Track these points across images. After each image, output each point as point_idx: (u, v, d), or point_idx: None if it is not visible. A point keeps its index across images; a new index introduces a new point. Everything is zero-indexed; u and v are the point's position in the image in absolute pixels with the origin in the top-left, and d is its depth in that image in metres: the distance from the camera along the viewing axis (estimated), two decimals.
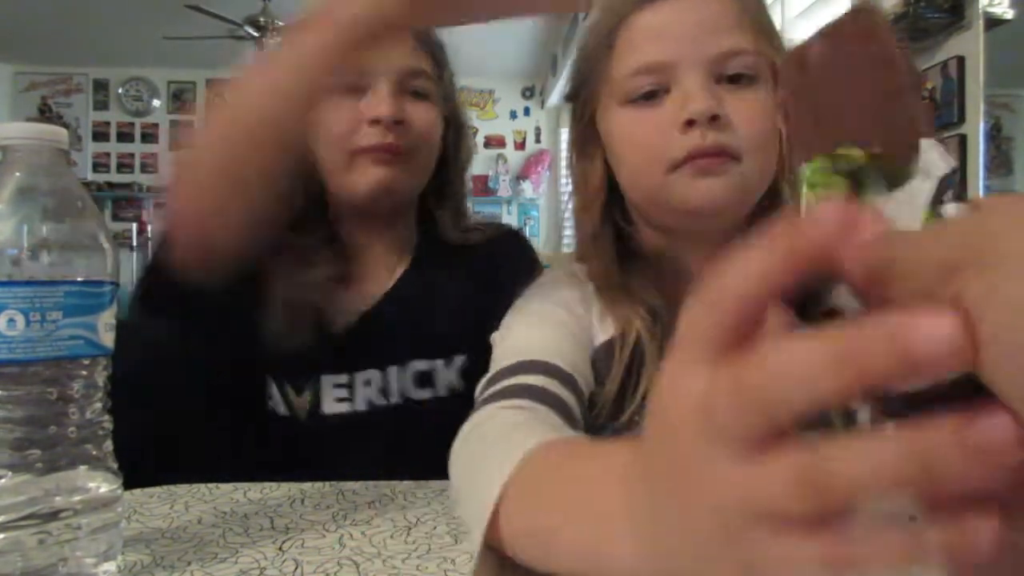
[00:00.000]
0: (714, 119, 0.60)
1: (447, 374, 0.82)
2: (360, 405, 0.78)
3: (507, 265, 0.88)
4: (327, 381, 0.77)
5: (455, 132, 0.90)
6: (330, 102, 0.79)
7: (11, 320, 0.38)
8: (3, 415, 0.39)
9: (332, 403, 0.77)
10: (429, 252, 0.88)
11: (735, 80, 0.62)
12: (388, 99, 0.79)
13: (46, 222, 0.40)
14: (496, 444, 0.44)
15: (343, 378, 0.78)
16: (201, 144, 0.65)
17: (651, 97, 0.63)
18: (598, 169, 0.70)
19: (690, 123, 0.60)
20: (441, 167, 0.88)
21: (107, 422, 0.43)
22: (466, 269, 0.87)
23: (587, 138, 0.71)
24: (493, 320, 0.70)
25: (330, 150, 0.80)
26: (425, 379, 0.81)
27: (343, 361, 0.78)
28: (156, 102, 6.16)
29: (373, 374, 0.80)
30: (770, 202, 0.68)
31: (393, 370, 0.80)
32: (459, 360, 0.83)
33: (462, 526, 0.50)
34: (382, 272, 0.85)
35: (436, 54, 0.86)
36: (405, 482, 0.62)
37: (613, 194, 0.71)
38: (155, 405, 0.72)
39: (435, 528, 0.50)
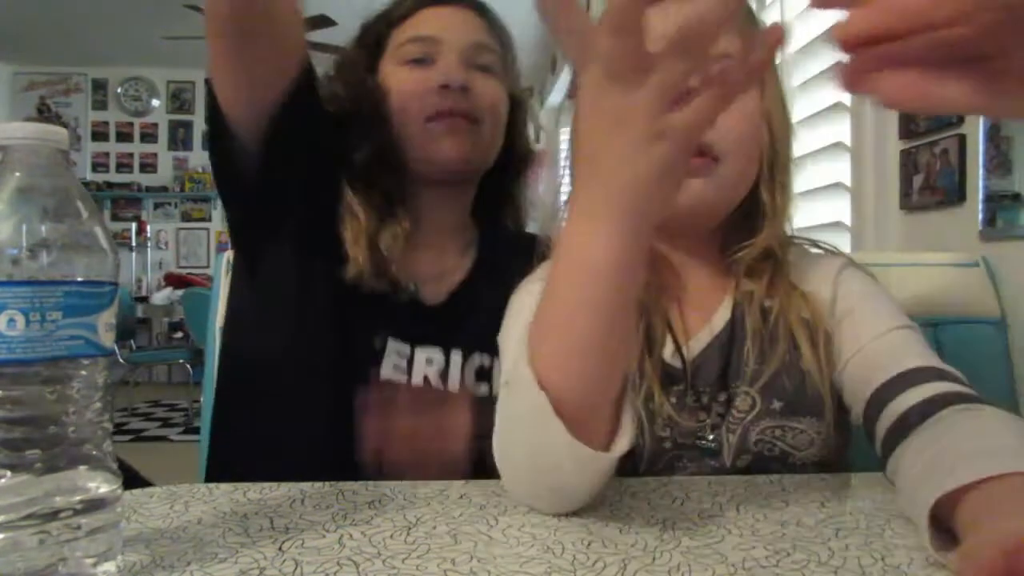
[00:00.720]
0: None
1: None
2: (417, 379, 0.79)
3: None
4: (392, 347, 0.78)
5: (520, 112, 0.93)
6: (398, 69, 0.84)
7: (11, 320, 0.38)
8: (2, 415, 0.39)
9: (390, 369, 0.78)
10: (494, 239, 0.91)
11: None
12: (456, 67, 0.83)
13: (46, 222, 0.40)
14: None
15: (405, 348, 0.79)
16: None
17: None
18: None
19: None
20: (508, 147, 0.91)
21: (107, 422, 0.43)
22: (521, 260, 0.84)
23: None
24: None
25: (403, 117, 0.83)
26: (484, 375, 0.82)
27: (409, 333, 0.80)
28: (155, 102, 6.17)
29: (435, 354, 0.81)
30: (749, 203, 0.72)
31: (456, 356, 0.81)
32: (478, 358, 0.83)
33: (462, 525, 0.50)
34: (449, 252, 0.88)
35: (501, 34, 0.90)
36: (405, 482, 0.62)
37: None
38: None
39: (435, 528, 0.50)
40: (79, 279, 0.41)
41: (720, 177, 0.68)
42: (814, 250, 0.79)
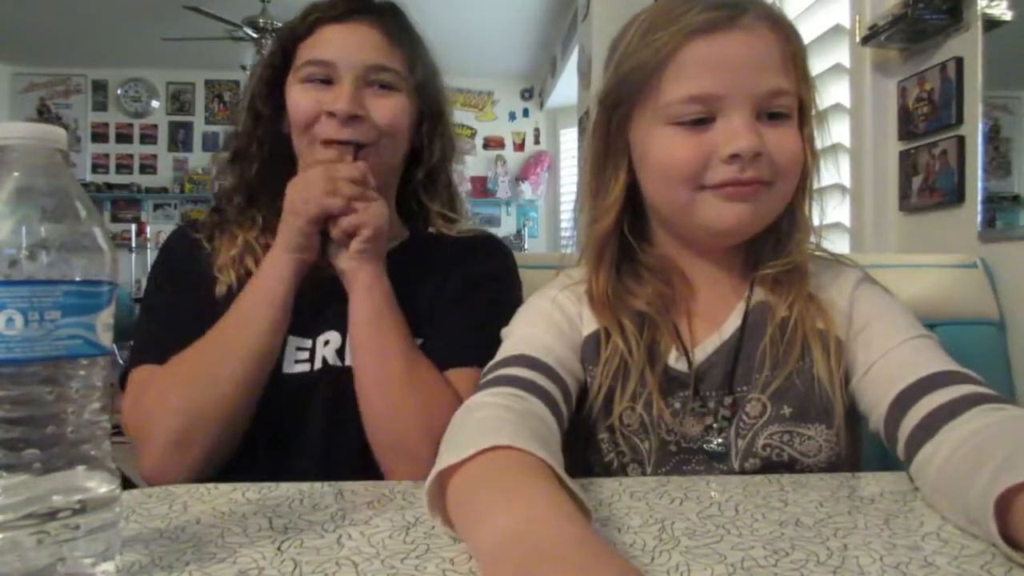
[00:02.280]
0: (756, 156, 0.67)
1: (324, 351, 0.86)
2: (317, 364, 0.84)
3: (482, 266, 0.92)
4: (292, 342, 0.83)
5: (431, 124, 0.94)
6: (296, 88, 0.87)
7: (10, 319, 0.38)
8: (0, 415, 0.39)
9: (292, 364, 0.83)
10: (414, 242, 0.93)
11: (773, 116, 0.68)
12: (347, 94, 0.84)
13: (44, 222, 0.40)
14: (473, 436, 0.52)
15: (306, 342, 0.84)
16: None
17: (698, 123, 0.68)
18: (621, 179, 0.75)
19: (734, 156, 0.66)
20: (417, 159, 0.94)
21: (105, 422, 0.43)
22: (442, 259, 0.91)
23: (615, 149, 0.75)
24: (455, 311, 0.85)
25: (295, 133, 0.87)
26: None
27: (307, 326, 0.84)
28: (155, 103, 6.16)
29: (333, 335, 0.85)
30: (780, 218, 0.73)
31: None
32: (417, 341, 0.85)
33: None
34: None
35: (408, 47, 0.90)
36: (404, 482, 0.62)
37: (626, 205, 0.76)
38: None
39: (433, 528, 0.50)
40: (77, 279, 0.41)
41: (767, 202, 0.70)
42: (830, 259, 0.79)
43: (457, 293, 0.87)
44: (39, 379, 0.39)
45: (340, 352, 0.84)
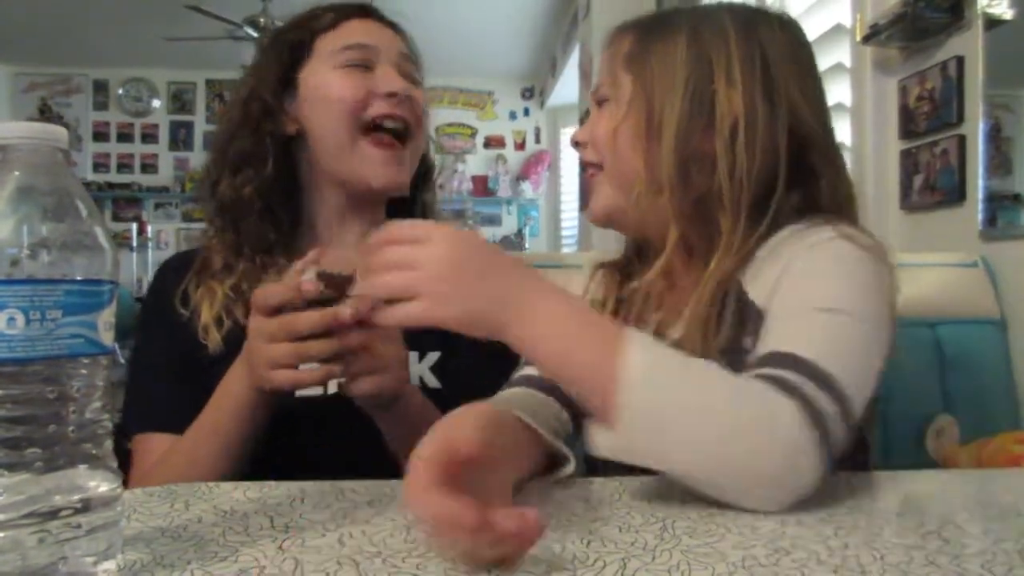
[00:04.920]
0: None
1: (418, 368, 0.86)
2: (331, 388, 0.81)
3: None
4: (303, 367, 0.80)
5: (426, 119, 0.98)
6: (334, 74, 0.86)
7: (11, 318, 0.37)
8: (2, 414, 0.39)
9: (303, 388, 0.80)
10: None
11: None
12: (396, 76, 0.86)
13: (45, 221, 0.40)
14: None
15: (316, 365, 0.81)
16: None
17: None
18: None
19: None
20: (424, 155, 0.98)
21: (106, 421, 0.43)
22: None
23: None
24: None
25: (339, 122, 0.85)
26: None
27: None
28: (156, 102, 6.16)
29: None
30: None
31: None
32: (433, 356, 0.87)
33: None
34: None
35: (409, 43, 0.94)
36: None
37: None
38: None
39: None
40: (79, 278, 0.41)
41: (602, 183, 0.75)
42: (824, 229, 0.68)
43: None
44: (40, 378, 0.39)
45: None
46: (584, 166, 0.71)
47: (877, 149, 1.50)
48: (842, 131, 1.61)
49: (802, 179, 0.70)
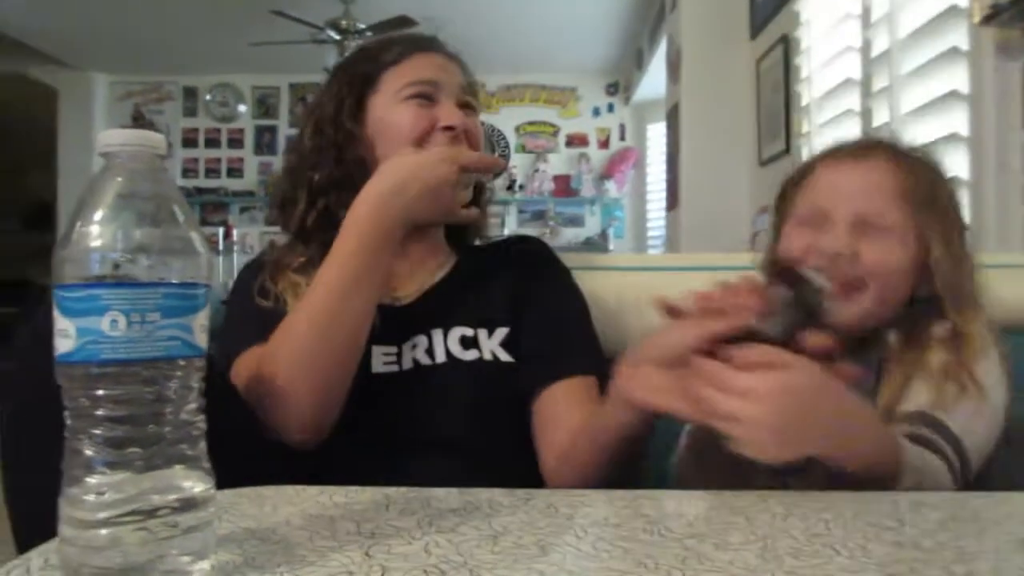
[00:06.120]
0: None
1: (489, 344, 0.94)
2: (407, 364, 0.92)
3: (533, 262, 1.02)
4: (377, 351, 0.90)
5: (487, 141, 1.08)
6: (400, 106, 0.95)
7: (114, 321, 0.40)
8: (104, 414, 0.41)
9: (380, 365, 0.91)
10: (467, 253, 1.04)
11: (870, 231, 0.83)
12: (455, 110, 0.95)
13: (145, 226, 0.43)
14: None
15: (392, 348, 0.92)
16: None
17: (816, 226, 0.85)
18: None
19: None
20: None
21: (201, 422, 0.45)
22: (497, 261, 1.02)
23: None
24: (525, 302, 0.95)
25: (395, 148, 0.93)
26: (469, 342, 0.93)
27: (392, 336, 0.92)
28: (242, 107, 6.44)
29: (420, 339, 0.93)
30: None
31: (438, 334, 0.93)
32: (501, 332, 0.94)
33: (550, 536, 0.50)
34: (420, 273, 1.00)
35: (468, 73, 1.03)
36: (491, 489, 0.62)
37: None
38: None
39: (521, 538, 0.50)
40: (175, 281, 0.43)
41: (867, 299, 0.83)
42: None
43: (539, 300, 0.97)
44: (140, 379, 0.42)
45: (429, 351, 0.92)
46: (828, 273, 0.76)
47: (999, 140, 1.42)
48: (958, 121, 1.53)
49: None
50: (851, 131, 2.29)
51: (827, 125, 2.48)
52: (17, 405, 0.69)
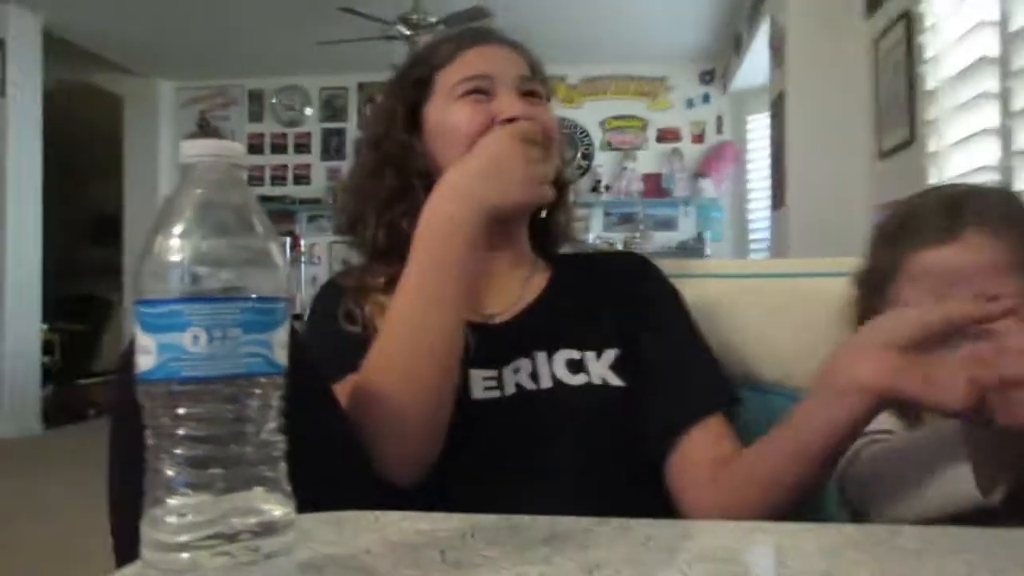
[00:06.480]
0: None
1: (597, 367, 0.94)
2: (509, 390, 0.92)
3: (639, 280, 1.02)
4: (476, 375, 0.91)
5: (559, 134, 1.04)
6: (454, 105, 0.96)
7: (195, 337, 0.42)
8: (185, 432, 0.44)
9: (481, 391, 0.91)
10: (561, 265, 1.05)
11: None
12: (515, 99, 0.95)
13: (225, 238, 0.45)
14: None
15: (492, 372, 0.92)
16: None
17: None
18: None
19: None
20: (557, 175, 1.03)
21: (281, 443, 0.47)
22: (598, 276, 1.03)
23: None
24: (636, 326, 0.95)
25: (464, 152, 0.92)
26: (576, 366, 0.93)
27: (492, 359, 0.92)
28: (308, 110, 6.67)
29: (522, 362, 0.94)
30: None
31: (542, 356, 0.94)
32: (610, 354, 0.94)
33: (653, 571, 0.50)
34: (511, 285, 1.00)
35: (538, 66, 1.03)
36: (584, 519, 0.62)
37: None
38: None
39: (619, 572, 0.50)
40: (255, 295, 0.45)
41: None
42: None
43: (652, 326, 0.97)
44: (221, 397, 0.44)
45: (533, 376, 0.92)
46: None
47: None
48: None
49: None
50: (988, 116, 2.20)
51: (959, 110, 2.38)
52: (116, 424, 0.71)
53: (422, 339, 0.82)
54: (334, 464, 0.75)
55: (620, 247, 5.91)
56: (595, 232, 6.14)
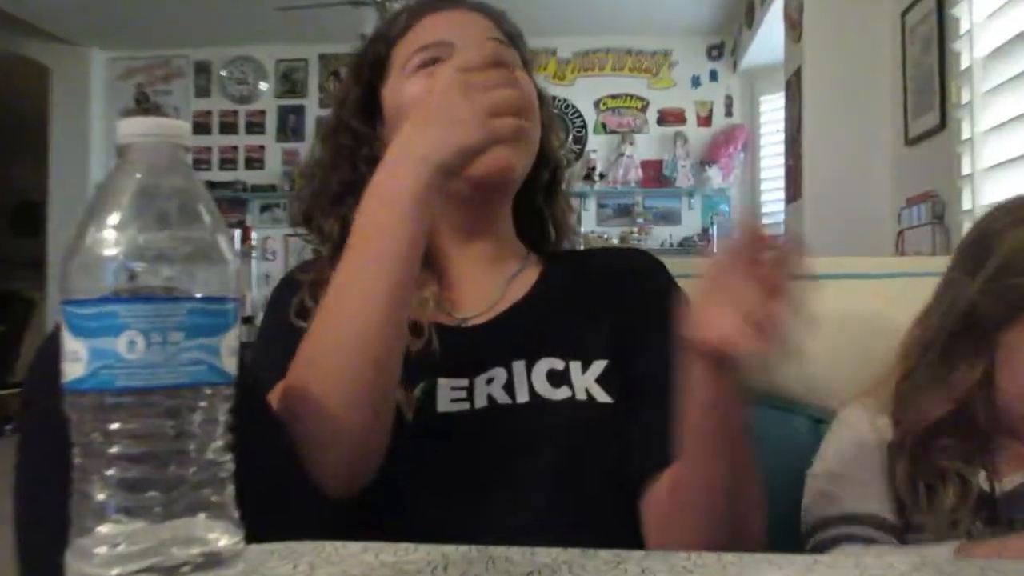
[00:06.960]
0: None
1: (582, 380, 0.93)
2: (480, 402, 0.91)
3: (640, 283, 1.01)
4: (444, 384, 0.91)
5: (546, 107, 1.02)
6: (408, 82, 0.95)
7: (131, 342, 0.42)
8: (119, 451, 0.43)
9: (447, 403, 0.90)
10: (554, 263, 1.04)
11: None
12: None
13: (166, 229, 0.45)
14: None
15: (462, 381, 0.92)
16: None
17: None
18: (976, 374, 0.94)
19: None
20: (543, 152, 1.01)
21: (229, 463, 0.47)
22: (596, 275, 1.02)
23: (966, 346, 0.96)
24: (629, 333, 0.94)
25: None
26: (559, 378, 0.92)
27: (462, 367, 0.92)
28: (263, 85, 6.62)
29: (497, 371, 0.92)
30: None
31: (520, 366, 0.93)
32: (598, 366, 0.93)
33: None
34: (491, 282, 1.00)
35: (513, 32, 1.02)
36: (569, 551, 0.63)
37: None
38: None
39: None
40: (200, 295, 0.45)
41: None
42: None
43: (647, 339, 0.94)
44: (160, 411, 0.43)
45: (508, 387, 0.91)
46: None
47: None
48: None
49: None
50: None
51: (995, 92, 2.41)
52: (27, 438, 0.68)
53: (348, 330, 0.78)
54: (285, 486, 0.75)
55: (616, 243, 5.93)
56: (588, 226, 6.15)
